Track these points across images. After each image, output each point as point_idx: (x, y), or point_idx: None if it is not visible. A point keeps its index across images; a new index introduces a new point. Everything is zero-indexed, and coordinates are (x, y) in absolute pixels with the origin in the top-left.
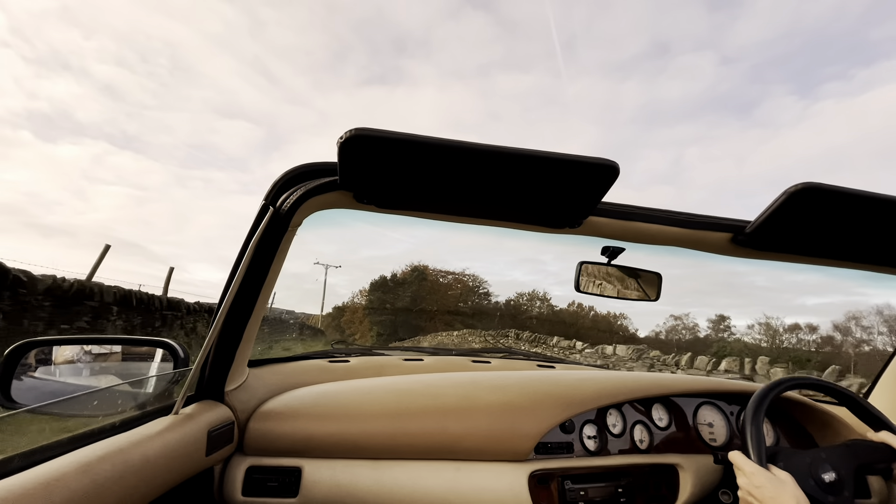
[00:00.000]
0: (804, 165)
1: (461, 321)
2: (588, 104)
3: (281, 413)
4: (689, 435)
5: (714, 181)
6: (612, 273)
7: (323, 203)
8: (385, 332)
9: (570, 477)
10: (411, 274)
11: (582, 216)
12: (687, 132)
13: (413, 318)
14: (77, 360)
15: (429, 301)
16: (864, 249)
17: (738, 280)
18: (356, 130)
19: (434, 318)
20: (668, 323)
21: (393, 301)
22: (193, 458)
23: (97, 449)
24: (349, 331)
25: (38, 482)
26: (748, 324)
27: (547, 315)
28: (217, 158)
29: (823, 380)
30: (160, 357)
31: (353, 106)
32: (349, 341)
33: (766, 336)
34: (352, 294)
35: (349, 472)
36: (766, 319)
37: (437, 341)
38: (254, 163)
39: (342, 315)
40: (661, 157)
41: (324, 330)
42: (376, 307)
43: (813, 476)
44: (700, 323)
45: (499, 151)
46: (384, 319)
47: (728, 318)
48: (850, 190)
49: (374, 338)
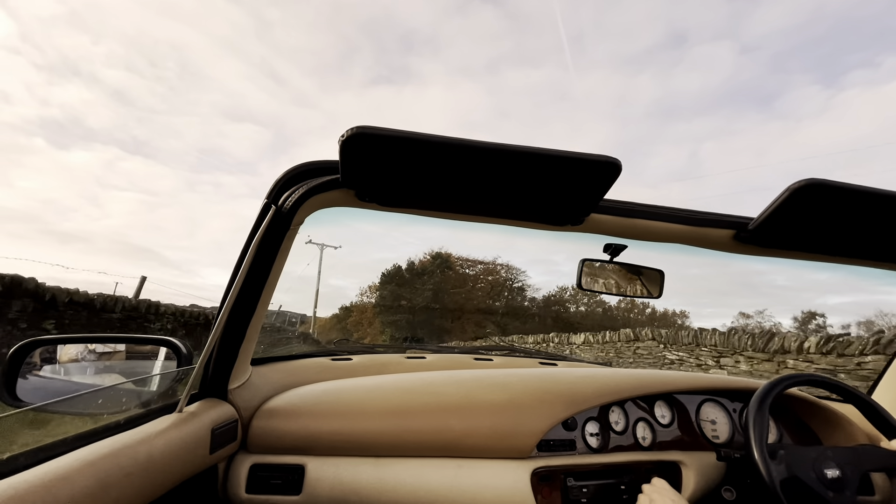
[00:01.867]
0: (827, 158)
1: (495, 321)
2: (600, 99)
3: (284, 411)
4: (691, 432)
5: (732, 176)
6: (614, 270)
7: (325, 201)
8: (399, 336)
9: (573, 474)
10: (432, 262)
11: (584, 213)
12: (704, 126)
13: (435, 317)
14: (81, 358)
15: (454, 297)
16: (868, 246)
17: (757, 279)
18: (357, 128)
19: (461, 318)
20: (739, 321)
21: (410, 297)
22: (197, 456)
23: (102, 447)
24: (357, 334)
25: (44, 480)
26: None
27: (596, 313)
28: (226, 162)
29: (828, 377)
30: (164, 355)
31: (360, 107)
32: (356, 337)
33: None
34: (360, 290)
35: (352, 469)
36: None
37: None
38: (262, 166)
39: (349, 316)
40: (677, 152)
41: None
42: (389, 304)
43: (815, 470)
44: (783, 322)
45: (500, 149)
46: (399, 320)
47: (821, 316)
48: (854, 186)
49: (388, 343)
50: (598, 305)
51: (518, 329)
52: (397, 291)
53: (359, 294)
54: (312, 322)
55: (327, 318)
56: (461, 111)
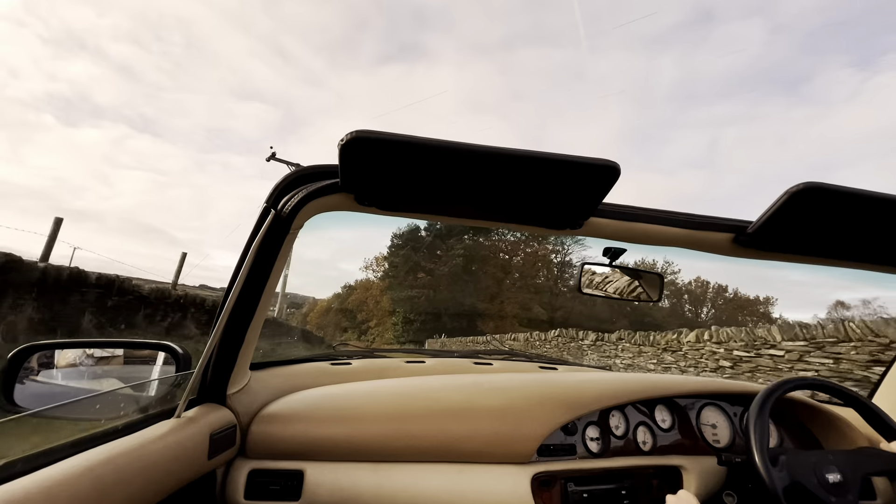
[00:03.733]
0: (854, 147)
1: (546, 302)
2: (617, 82)
3: (283, 416)
4: (692, 436)
5: (752, 165)
6: (614, 274)
7: (324, 206)
8: (416, 318)
9: (573, 479)
10: None
11: (583, 217)
12: (726, 110)
13: (466, 294)
14: (79, 363)
15: (492, 268)
16: (867, 249)
17: (771, 274)
18: (356, 133)
19: (500, 299)
20: (835, 313)
21: (431, 266)
22: (196, 462)
23: (100, 452)
24: (362, 315)
25: (42, 486)
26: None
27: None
28: (233, 143)
29: (828, 381)
30: (162, 360)
31: (369, 86)
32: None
33: None
34: (364, 262)
35: (351, 474)
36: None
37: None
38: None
39: (351, 295)
40: (696, 138)
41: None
42: (402, 277)
43: (816, 475)
44: None
45: (499, 153)
46: (416, 296)
47: None
48: (852, 190)
49: (401, 330)
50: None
51: (588, 322)
52: (413, 259)
53: (363, 267)
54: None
55: (328, 299)
56: (473, 92)
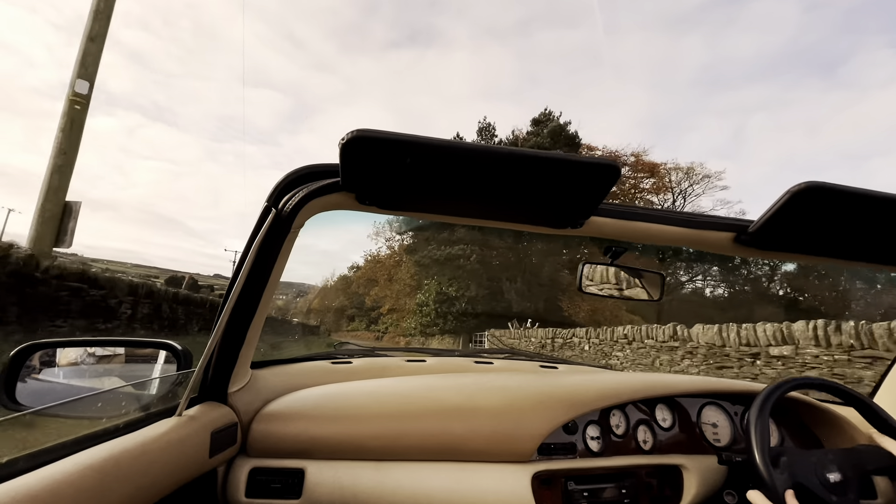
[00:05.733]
0: (889, 134)
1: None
2: (641, 64)
3: (284, 414)
4: (692, 435)
5: (779, 154)
6: (615, 273)
7: (325, 205)
8: (458, 293)
9: (574, 478)
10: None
11: (584, 217)
12: (754, 96)
13: (528, 269)
14: (81, 362)
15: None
16: (869, 248)
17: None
18: (357, 132)
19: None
20: None
21: (469, 237)
22: (196, 460)
23: (101, 450)
24: (373, 293)
25: (44, 484)
26: None
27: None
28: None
29: (829, 380)
30: (163, 359)
31: (380, 72)
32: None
33: None
34: (375, 228)
35: (352, 473)
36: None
37: None
38: (283, 136)
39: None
40: (721, 126)
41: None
42: (433, 232)
43: (817, 475)
44: None
45: (500, 153)
46: (460, 257)
47: None
48: (854, 189)
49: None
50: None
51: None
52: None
53: (373, 234)
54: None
55: (335, 282)
56: (487, 78)
